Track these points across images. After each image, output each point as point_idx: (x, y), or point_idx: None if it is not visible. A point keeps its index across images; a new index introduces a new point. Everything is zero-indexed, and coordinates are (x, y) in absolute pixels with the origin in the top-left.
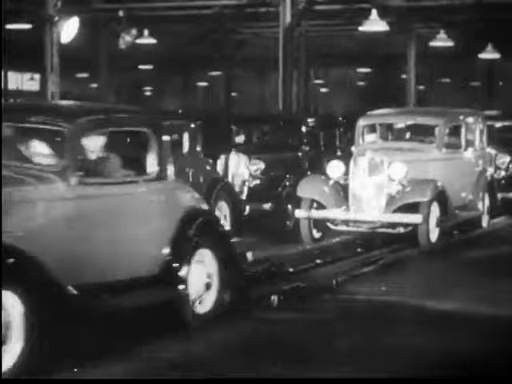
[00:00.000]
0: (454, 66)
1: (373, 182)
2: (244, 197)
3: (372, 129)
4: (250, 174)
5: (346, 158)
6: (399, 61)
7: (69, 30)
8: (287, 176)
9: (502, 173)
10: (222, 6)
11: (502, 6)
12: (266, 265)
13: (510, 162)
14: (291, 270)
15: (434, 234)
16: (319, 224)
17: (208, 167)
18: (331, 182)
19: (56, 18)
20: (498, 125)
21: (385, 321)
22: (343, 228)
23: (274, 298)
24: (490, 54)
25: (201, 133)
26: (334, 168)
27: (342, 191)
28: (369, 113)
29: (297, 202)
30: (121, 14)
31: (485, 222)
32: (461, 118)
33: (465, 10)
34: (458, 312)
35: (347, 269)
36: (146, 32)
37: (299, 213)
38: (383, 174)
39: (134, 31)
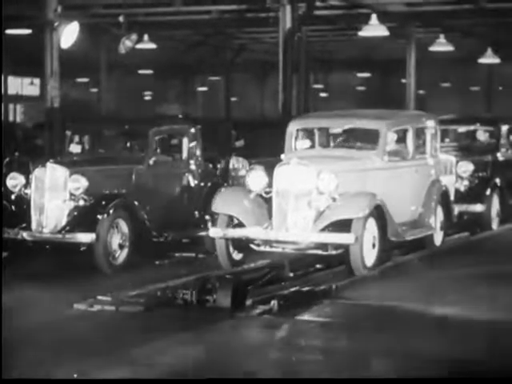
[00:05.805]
0: (454, 70)
1: (298, 196)
2: None
3: (309, 134)
4: None
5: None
6: (399, 66)
7: (69, 35)
8: None
9: (465, 182)
10: (221, 11)
11: (502, 11)
12: (266, 269)
13: (475, 170)
14: (291, 274)
15: (370, 257)
16: (241, 244)
17: (208, 172)
18: (252, 196)
19: (56, 23)
20: (461, 129)
21: (385, 325)
22: (266, 249)
23: (275, 302)
24: (489, 59)
25: (201, 137)
26: (256, 178)
27: (265, 206)
28: (301, 116)
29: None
30: (121, 19)
31: (438, 240)
32: (407, 121)
33: (464, 15)
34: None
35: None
36: (146, 37)
37: (214, 232)
38: (311, 186)
39: (134, 36)
